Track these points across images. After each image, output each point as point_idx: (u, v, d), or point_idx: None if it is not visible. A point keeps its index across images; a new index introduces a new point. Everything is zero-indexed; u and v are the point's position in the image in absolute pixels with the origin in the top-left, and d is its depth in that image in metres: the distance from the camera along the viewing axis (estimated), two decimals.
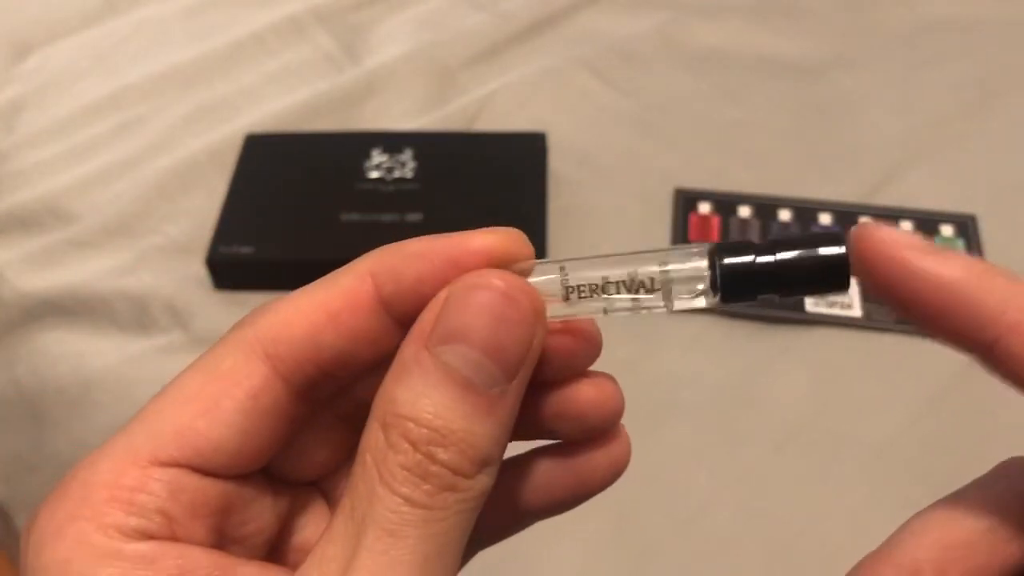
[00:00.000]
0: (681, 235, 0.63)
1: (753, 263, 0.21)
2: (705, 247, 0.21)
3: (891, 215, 0.64)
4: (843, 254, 0.20)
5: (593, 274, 0.22)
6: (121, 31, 0.81)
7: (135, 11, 0.82)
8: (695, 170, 0.68)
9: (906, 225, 0.63)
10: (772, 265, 0.21)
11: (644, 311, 0.22)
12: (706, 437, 0.54)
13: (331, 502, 0.25)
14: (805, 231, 0.63)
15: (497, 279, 0.20)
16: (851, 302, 0.58)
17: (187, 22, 0.81)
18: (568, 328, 0.22)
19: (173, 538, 0.20)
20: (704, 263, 0.21)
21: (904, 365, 0.56)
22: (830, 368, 0.56)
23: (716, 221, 0.64)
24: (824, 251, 0.21)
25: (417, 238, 0.22)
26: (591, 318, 0.22)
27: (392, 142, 0.67)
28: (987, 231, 0.62)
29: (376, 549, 0.19)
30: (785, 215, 0.64)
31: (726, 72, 0.76)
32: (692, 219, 0.64)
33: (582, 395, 0.23)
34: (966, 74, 0.74)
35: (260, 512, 0.23)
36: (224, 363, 0.21)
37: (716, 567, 0.49)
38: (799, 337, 0.57)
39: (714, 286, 0.21)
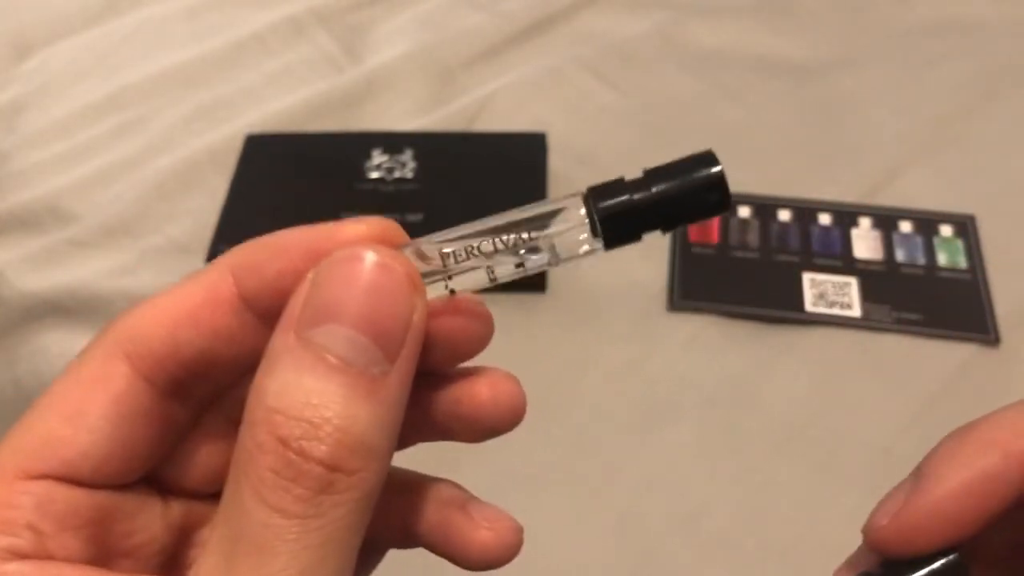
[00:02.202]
0: (681, 235, 0.63)
1: (631, 200, 0.20)
2: (579, 195, 0.20)
3: (891, 215, 0.64)
4: (719, 172, 0.19)
5: (468, 241, 0.20)
6: (121, 31, 0.81)
7: (135, 11, 0.82)
8: None
9: (906, 225, 0.63)
10: (650, 199, 0.20)
11: (531, 269, 0.21)
12: (706, 437, 0.54)
13: None
14: (805, 222, 0.63)
15: (367, 250, 0.19)
16: (851, 302, 0.58)
17: (187, 22, 0.81)
18: (454, 307, 0.21)
19: (46, 554, 0.19)
20: (582, 211, 0.20)
21: (903, 365, 0.56)
22: (830, 368, 0.56)
23: (716, 221, 0.64)
24: (700, 173, 0.20)
25: (281, 231, 0.21)
26: (477, 296, 0.21)
27: (392, 142, 0.67)
28: (986, 231, 0.62)
29: (246, 567, 0.17)
30: (785, 215, 0.64)
31: (726, 72, 0.76)
32: None
33: (477, 395, 0.22)
34: (966, 74, 0.74)
35: (148, 523, 0.21)
36: (86, 368, 0.20)
37: (716, 567, 0.49)
38: (799, 337, 0.57)
39: (595, 232, 0.20)
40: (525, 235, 0.20)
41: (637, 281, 0.60)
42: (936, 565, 0.20)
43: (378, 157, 0.66)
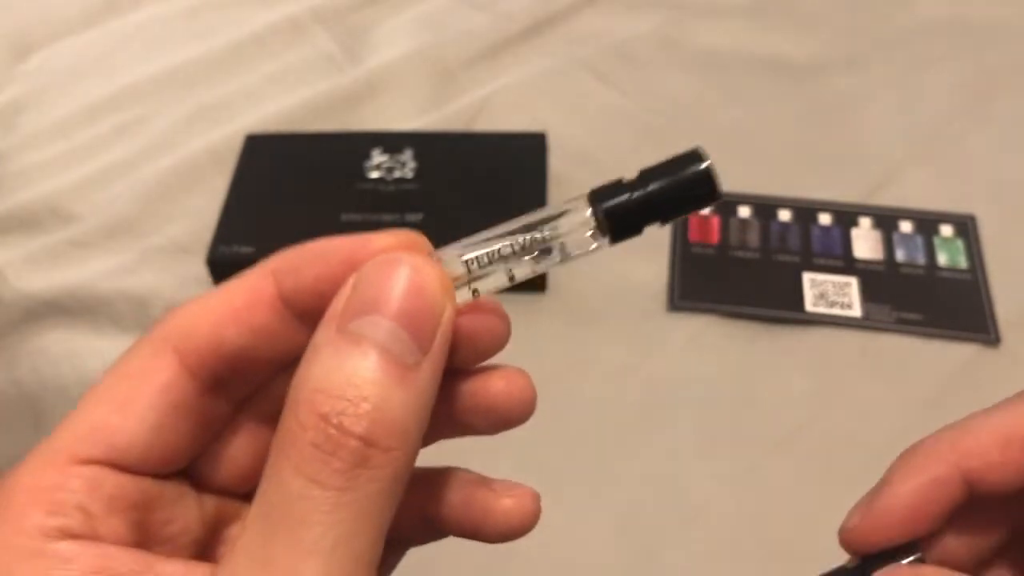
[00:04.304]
0: (681, 235, 0.63)
1: (630, 199, 0.22)
2: (583, 197, 0.23)
3: (891, 215, 0.64)
4: (708, 167, 0.22)
5: (489, 247, 0.22)
6: (121, 31, 0.81)
7: (135, 11, 0.82)
8: None
9: (906, 225, 0.63)
10: (648, 196, 0.22)
11: (546, 267, 0.23)
12: (706, 437, 0.54)
13: None
14: (807, 220, 0.63)
15: (404, 255, 0.21)
16: (851, 302, 0.59)
17: (188, 22, 0.81)
18: (477, 308, 0.23)
19: (95, 536, 0.20)
20: (588, 212, 0.23)
21: (904, 365, 0.56)
22: (830, 368, 0.56)
23: (716, 221, 0.64)
24: (690, 170, 0.22)
25: (321, 239, 0.23)
26: (495, 299, 0.23)
27: (392, 142, 0.67)
28: (987, 231, 0.62)
29: (282, 539, 0.18)
30: (785, 215, 0.64)
31: (726, 72, 0.76)
32: (692, 219, 0.64)
33: (492, 388, 0.23)
34: (966, 74, 0.74)
35: (184, 513, 0.23)
36: (136, 360, 0.22)
37: (716, 567, 0.49)
38: (799, 337, 0.57)
39: (601, 229, 0.23)
40: (539, 236, 0.22)
41: (637, 281, 0.60)
42: (898, 555, 0.24)
43: (378, 157, 0.66)
